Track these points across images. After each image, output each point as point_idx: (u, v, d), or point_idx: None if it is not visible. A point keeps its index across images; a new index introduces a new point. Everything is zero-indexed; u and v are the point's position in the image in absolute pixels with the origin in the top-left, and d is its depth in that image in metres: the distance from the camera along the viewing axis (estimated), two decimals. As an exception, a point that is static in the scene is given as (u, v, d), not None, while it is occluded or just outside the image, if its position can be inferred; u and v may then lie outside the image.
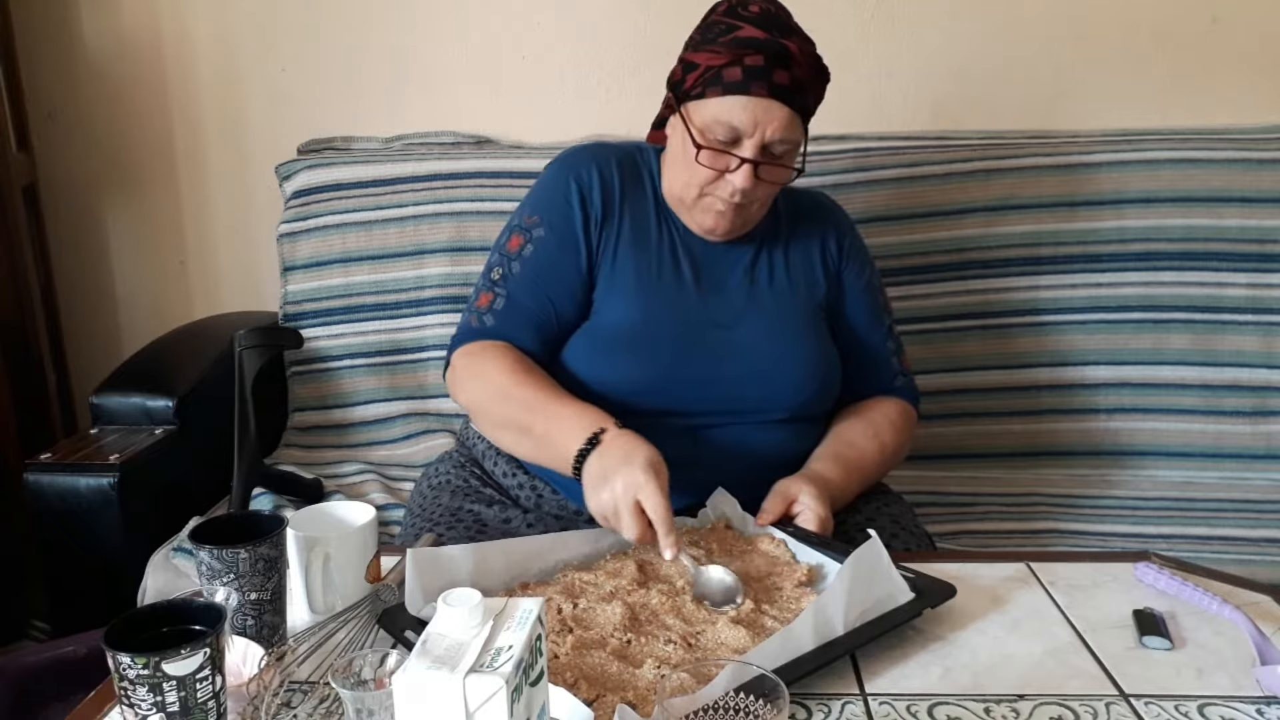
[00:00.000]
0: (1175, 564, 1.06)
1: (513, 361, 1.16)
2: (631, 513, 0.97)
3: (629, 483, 0.97)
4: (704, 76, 1.12)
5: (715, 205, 1.17)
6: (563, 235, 1.22)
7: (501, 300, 1.21)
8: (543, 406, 1.11)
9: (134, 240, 2.14)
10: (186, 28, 2.01)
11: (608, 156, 1.26)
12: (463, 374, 1.20)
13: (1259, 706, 0.82)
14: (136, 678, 0.66)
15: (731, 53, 1.10)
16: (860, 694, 0.83)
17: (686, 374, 1.17)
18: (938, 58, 1.94)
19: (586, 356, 1.19)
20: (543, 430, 1.10)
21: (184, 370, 1.69)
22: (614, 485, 0.98)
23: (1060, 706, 0.81)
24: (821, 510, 1.09)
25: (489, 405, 1.17)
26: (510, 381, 1.14)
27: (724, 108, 1.11)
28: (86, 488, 1.46)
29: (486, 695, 0.58)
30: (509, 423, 1.15)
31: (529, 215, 1.25)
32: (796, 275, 1.26)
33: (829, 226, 1.31)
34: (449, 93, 2.01)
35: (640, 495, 0.97)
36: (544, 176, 1.28)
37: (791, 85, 1.10)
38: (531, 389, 1.13)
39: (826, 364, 1.25)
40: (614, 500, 0.98)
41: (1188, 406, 1.74)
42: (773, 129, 1.11)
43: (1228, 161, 1.75)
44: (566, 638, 0.85)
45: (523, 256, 1.22)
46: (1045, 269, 1.77)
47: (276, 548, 0.86)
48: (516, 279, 1.21)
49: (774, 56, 1.09)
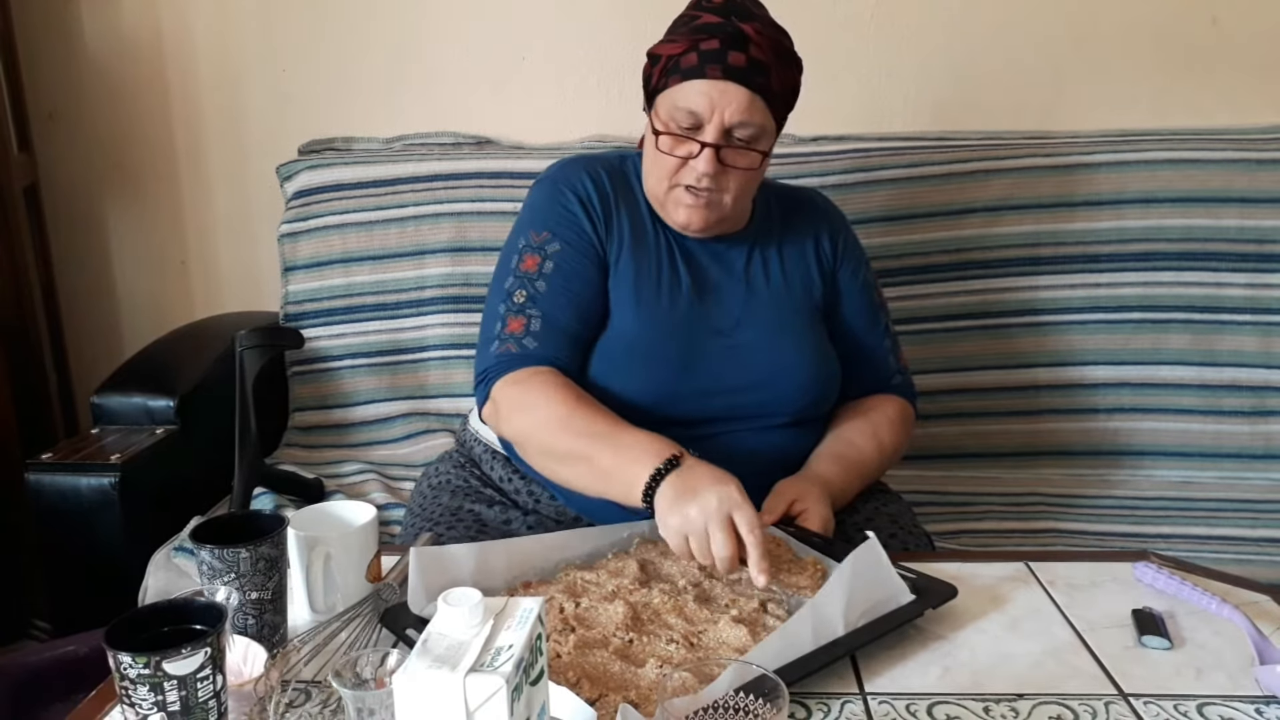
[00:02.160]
0: (1174, 563, 1.06)
1: (565, 390, 1.11)
2: (725, 529, 0.92)
3: (724, 498, 0.93)
4: (665, 67, 1.13)
5: (684, 198, 1.16)
6: (578, 244, 1.20)
7: (537, 322, 1.16)
8: (607, 436, 1.06)
9: (135, 240, 2.14)
10: (187, 28, 2.01)
11: (595, 167, 1.25)
12: (509, 406, 1.13)
13: (1258, 706, 0.82)
14: (137, 677, 0.66)
15: (688, 40, 1.11)
16: (860, 693, 0.83)
17: (689, 385, 1.16)
18: (938, 58, 1.94)
19: (591, 369, 1.18)
20: (609, 459, 1.04)
21: (185, 370, 1.69)
22: (705, 501, 0.93)
23: (1059, 706, 0.82)
24: (824, 511, 1.09)
25: (544, 437, 1.10)
26: (566, 411, 1.08)
27: (682, 94, 1.11)
28: (87, 487, 1.46)
29: (487, 694, 0.58)
30: (568, 454, 1.08)
31: (537, 233, 1.21)
32: (792, 276, 1.26)
33: (822, 226, 1.30)
34: (449, 93, 2.01)
35: (736, 513, 0.93)
36: (535, 197, 1.25)
37: (749, 66, 1.10)
38: (591, 418, 1.08)
39: (827, 366, 1.24)
40: (704, 516, 0.93)
41: (1187, 406, 1.74)
42: (730, 111, 1.10)
43: (1227, 162, 1.75)
44: (569, 637, 0.86)
45: (544, 274, 1.18)
46: (1045, 269, 1.77)
47: (277, 547, 0.86)
48: (546, 297, 1.17)
49: (729, 39, 1.09)
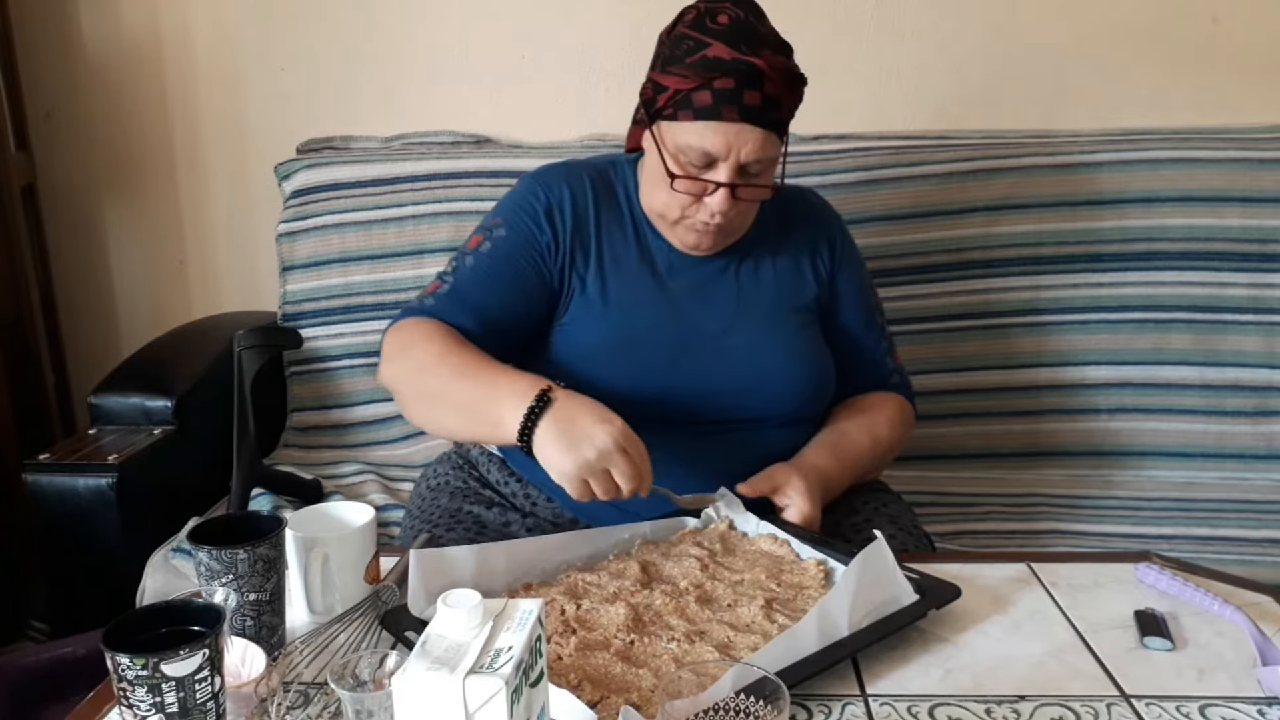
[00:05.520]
0: (1176, 564, 1.06)
1: (445, 335, 1.10)
2: (624, 459, 0.96)
3: (617, 432, 0.96)
4: (674, 99, 1.09)
5: (695, 226, 1.16)
6: (525, 238, 1.19)
7: (448, 287, 1.18)
8: (474, 374, 1.05)
9: (133, 240, 2.14)
10: (186, 27, 2.01)
11: (580, 175, 1.24)
12: (388, 351, 1.14)
13: (1260, 707, 0.82)
14: (135, 678, 0.66)
15: (700, 76, 1.06)
16: (861, 695, 0.83)
17: (681, 388, 1.16)
18: (938, 58, 1.94)
19: (578, 374, 1.16)
20: (475, 395, 1.04)
21: (183, 370, 1.68)
22: (598, 440, 0.95)
23: (1061, 707, 0.81)
24: (806, 507, 1.09)
25: (415, 378, 1.10)
26: (438, 352, 1.08)
27: (695, 133, 1.09)
28: (85, 488, 1.45)
29: (486, 696, 0.58)
30: (435, 395, 1.08)
31: (493, 218, 1.23)
32: (785, 277, 1.25)
33: (819, 230, 1.29)
34: (449, 92, 2.00)
35: (631, 446, 0.96)
36: (516, 188, 1.25)
37: (763, 104, 1.07)
38: (463, 359, 1.07)
39: (821, 367, 1.24)
40: (602, 458, 0.95)
41: (1189, 407, 1.74)
42: (747, 151, 1.08)
43: (1229, 161, 1.75)
44: (570, 639, 0.85)
45: (479, 252, 1.19)
46: (1046, 269, 1.77)
47: (276, 548, 0.86)
48: (469, 270, 1.19)
49: (744, 78, 1.05)
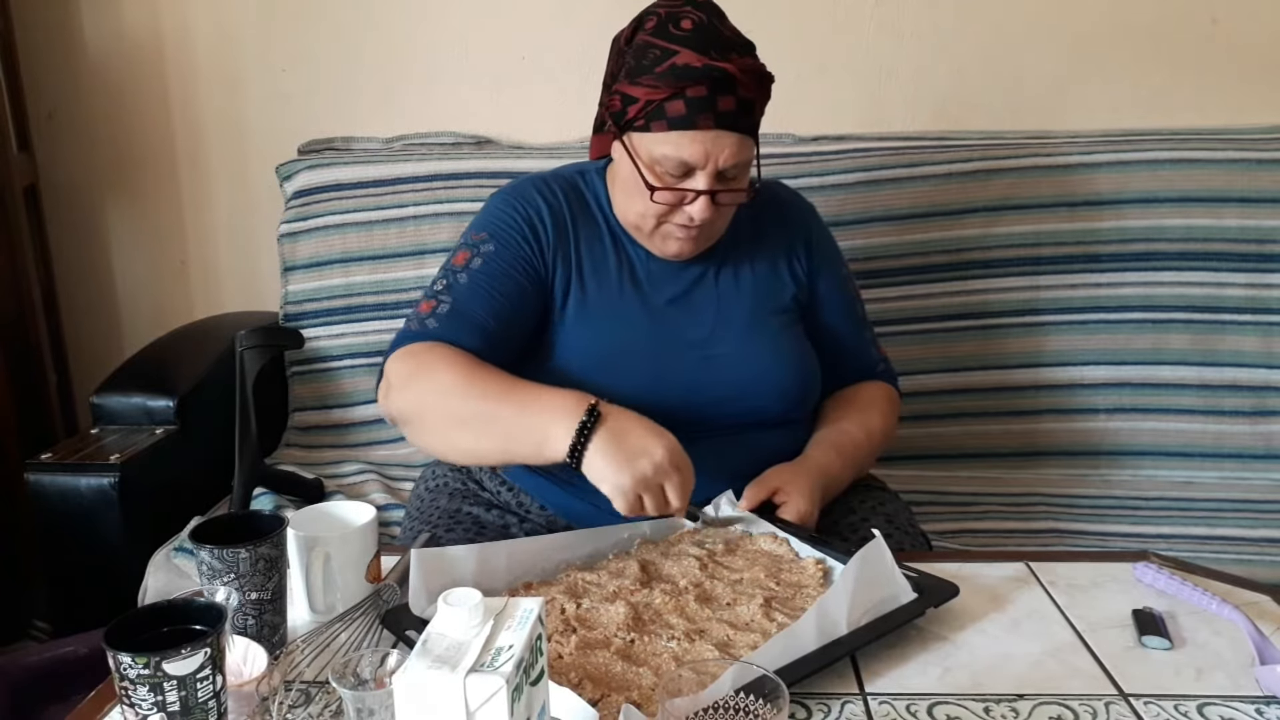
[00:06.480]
0: (1175, 564, 1.06)
1: (463, 358, 1.08)
2: (676, 476, 0.98)
3: (669, 449, 0.98)
4: (645, 110, 1.08)
5: (675, 232, 1.15)
6: (514, 251, 1.18)
7: (446, 306, 1.14)
8: (510, 394, 1.04)
9: (134, 240, 2.14)
10: (187, 27, 2.01)
11: (552, 187, 1.23)
12: (401, 378, 1.09)
13: (1258, 706, 0.82)
14: (137, 677, 0.66)
15: (671, 85, 1.05)
16: (860, 693, 0.83)
17: (667, 397, 1.14)
18: (938, 58, 1.94)
19: (567, 386, 1.15)
20: (515, 418, 1.02)
21: (185, 370, 1.69)
22: (655, 455, 0.97)
23: (1060, 706, 0.82)
24: (804, 505, 1.10)
25: (442, 403, 1.06)
26: (465, 374, 1.05)
27: (671, 143, 1.07)
28: (87, 488, 1.45)
29: (487, 695, 0.58)
30: (465, 419, 1.05)
31: (476, 234, 1.20)
32: (763, 280, 1.24)
33: (794, 228, 1.29)
34: (449, 93, 2.01)
35: (684, 469, 0.98)
36: (490, 206, 1.23)
37: (738, 109, 1.07)
38: (491, 379, 1.05)
39: (806, 367, 1.24)
40: (656, 467, 0.97)
41: (1187, 406, 1.74)
42: (724, 157, 1.08)
43: (1228, 162, 1.75)
44: (570, 638, 0.86)
45: (471, 270, 1.16)
46: (1045, 269, 1.77)
47: (277, 547, 0.86)
48: (464, 288, 1.15)
49: (716, 84, 1.05)
